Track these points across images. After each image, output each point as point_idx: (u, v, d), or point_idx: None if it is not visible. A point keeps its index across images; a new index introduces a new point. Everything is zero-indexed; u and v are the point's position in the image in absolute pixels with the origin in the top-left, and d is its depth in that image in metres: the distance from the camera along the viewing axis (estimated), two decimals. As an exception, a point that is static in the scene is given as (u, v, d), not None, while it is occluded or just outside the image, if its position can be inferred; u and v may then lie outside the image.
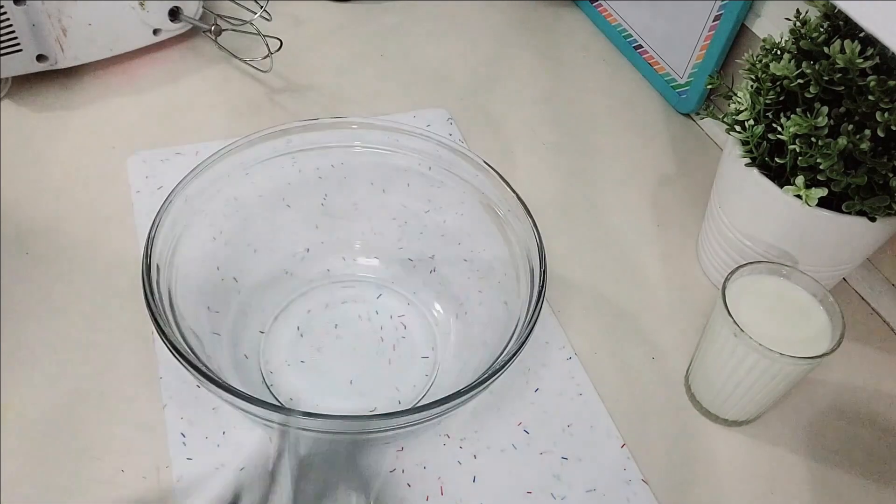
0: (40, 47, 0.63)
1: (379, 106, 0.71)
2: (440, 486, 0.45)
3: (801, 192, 0.48)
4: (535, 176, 0.67)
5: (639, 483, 0.47)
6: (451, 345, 0.51)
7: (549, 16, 0.86)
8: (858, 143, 0.45)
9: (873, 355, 0.56)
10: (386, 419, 0.37)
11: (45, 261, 0.54)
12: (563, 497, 0.45)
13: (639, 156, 0.70)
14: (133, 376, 0.48)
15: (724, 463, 0.49)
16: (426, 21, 0.83)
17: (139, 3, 0.66)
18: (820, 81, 0.47)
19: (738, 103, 0.51)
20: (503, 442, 0.48)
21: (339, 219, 0.54)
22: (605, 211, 0.64)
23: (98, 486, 0.43)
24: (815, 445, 0.50)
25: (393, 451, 0.46)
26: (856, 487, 0.48)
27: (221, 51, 0.72)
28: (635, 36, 0.79)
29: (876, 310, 0.59)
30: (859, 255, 0.53)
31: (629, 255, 0.61)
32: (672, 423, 0.50)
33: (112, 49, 0.68)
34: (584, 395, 0.51)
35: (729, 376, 0.46)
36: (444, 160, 0.51)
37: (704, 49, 0.70)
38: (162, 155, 0.63)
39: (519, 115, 0.73)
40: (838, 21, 0.50)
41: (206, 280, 0.48)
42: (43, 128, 0.64)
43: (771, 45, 0.51)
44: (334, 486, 0.38)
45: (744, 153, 0.51)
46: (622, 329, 0.55)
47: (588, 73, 0.79)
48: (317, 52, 0.76)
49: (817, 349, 0.44)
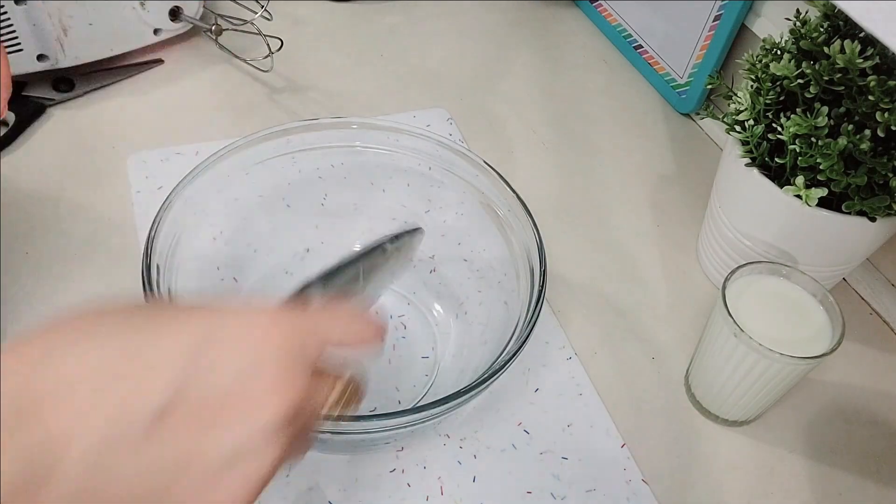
0: (41, 47, 0.63)
1: (379, 106, 0.71)
2: (440, 486, 0.45)
3: (801, 192, 0.48)
4: (535, 176, 0.67)
5: (639, 483, 0.47)
6: (451, 345, 0.51)
7: (549, 16, 0.86)
8: (858, 143, 0.45)
9: (873, 355, 0.56)
10: (386, 419, 0.37)
11: (45, 261, 0.54)
12: (563, 497, 0.45)
13: (639, 156, 0.70)
14: (133, 376, 0.48)
15: (723, 463, 0.49)
16: (426, 21, 0.83)
17: (140, 3, 0.66)
18: (820, 81, 0.47)
19: (738, 103, 0.51)
20: (503, 442, 0.48)
21: (339, 219, 0.54)
22: (605, 211, 0.64)
23: (98, 485, 0.43)
24: (815, 445, 0.50)
25: (393, 451, 0.46)
26: (855, 487, 0.48)
27: (222, 50, 0.72)
28: (635, 36, 0.79)
29: (876, 310, 0.59)
30: (859, 255, 0.53)
31: (629, 255, 0.61)
32: (672, 423, 0.50)
33: (112, 49, 0.68)
34: (584, 395, 0.51)
35: (729, 376, 0.46)
36: (444, 160, 0.51)
37: (704, 49, 0.70)
38: (162, 155, 0.63)
39: (519, 115, 0.73)
40: (838, 21, 0.50)
41: (206, 280, 0.48)
42: (43, 128, 0.64)
43: (771, 45, 0.51)
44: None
45: (744, 153, 0.51)
46: (622, 329, 0.55)
47: (588, 72, 0.79)
48: (317, 52, 0.76)
49: (817, 349, 0.44)
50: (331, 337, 0.30)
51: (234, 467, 0.26)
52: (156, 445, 0.25)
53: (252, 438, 0.26)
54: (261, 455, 0.26)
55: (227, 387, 0.26)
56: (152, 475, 0.25)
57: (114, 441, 0.24)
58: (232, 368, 0.26)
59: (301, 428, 0.28)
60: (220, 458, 0.26)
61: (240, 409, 0.26)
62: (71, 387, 0.24)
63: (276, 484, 0.44)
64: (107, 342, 0.26)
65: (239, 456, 0.26)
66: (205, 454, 0.25)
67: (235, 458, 0.26)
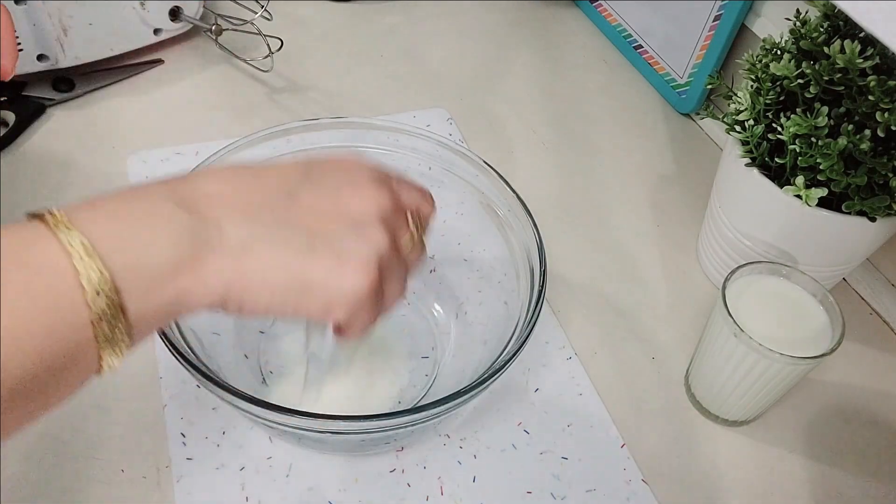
0: (41, 47, 0.63)
1: (379, 106, 0.71)
2: (440, 486, 0.45)
3: (801, 192, 0.48)
4: (535, 176, 0.67)
5: (639, 483, 0.47)
6: (451, 345, 0.51)
7: (549, 16, 0.86)
8: (858, 143, 0.45)
9: (873, 355, 0.56)
10: (386, 419, 0.37)
11: (45, 261, 0.54)
12: (563, 497, 0.45)
13: (639, 156, 0.70)
14: (133, 376, 0.48)
15: (723, 463, 0.49)
16: (426, 21, 0.83)
17: (140, 3, 0.66)
18: (820, 81, 0.47)
19: (738, 103, 0.51)
20: (503, 442, 0.48)
21: (339, 219, 0.54)
22: (605, 211, 0.64)
23: (98, 486, 0.43)
24: (815, 445, 0.50)
25: (393, 451, 0.46)
26: (855, 487, 0.48)
27: (222, 50, 0.72)
28: (635, 36, 0.79)
29: (876, 310, 0.59)
30: (859, 255, 0.53)
31: (629, 255, 0.61)
32: (672, 423, 0.50)
33: (113, 49, 0.68)
34: (584, 395, 0.51)
35: (729, 376, 0.46)
36: (444, 160, 0.51)
37: (704, 49, 0.70)
38: (162, 155, 0.63)
39: (519, 115, 0.73)
40: (838, 21, 0.50)
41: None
42: (43, 128, 0.64)
43: (771, 45, 0.51)
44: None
45: (744, 153, 0.51)
46: (622, 329, 0.55)
47: (588, 72, 0.79)
48: (317, 52, 0.76)
49: (817, 349, 0.44)
50: (401, 191, 0.36)
51: (357, 233, 0.32)
52: (294, 209, 0.32)
53: (366, 212, 0.33)
54: (376, 229, 0.32)
55: (337, 187, 0.33)
56: (296, 227, 0.31)
57: (259, 212, 0.31)
58: (334, 180, 0.34)
59: (399, 239, 0.34)
60: (348, 217, 0.32)
61: (353, 195, 0.33)
62: (218, 194, 0.30)
63: (276, 483, 0.44)
64: (234, 173, 0.33)
65: (359, 224, 0.32)
66: (335, 212, 0.32)
67: (357, 226, 0.32)
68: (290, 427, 0.37)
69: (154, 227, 0.28)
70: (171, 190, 0.30)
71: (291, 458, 0.45)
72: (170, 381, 0.48)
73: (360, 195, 0.33)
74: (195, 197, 0.30)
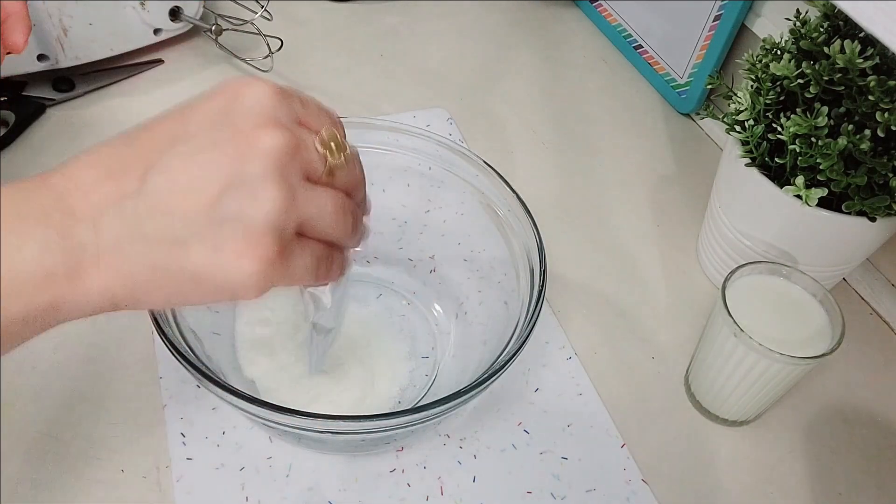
0: (41, 47, 0.63)
1: (379, 106, 0.71)
2: (440, 486, 0.45)
3: (801, 192, 0.48)
4: (535, 176, 0.67)
5: (639, 483, 0.47)
6: (451, 345, 0.51)
7: (549, 16, 0.86)
8: (858, 143, 0.45)
9: (873, 355, 0.56)
10: (386, 419, 0.37)
11: (45, 261, 0.54)
12: (563, 497, 0.45)
13: (639, 156, 0.70)
14: (133, 376, 0.48)
15: (723, 463, 0.49)
16: (426, 21, 0.83)
17: (140, 3, 0.66)
18: (820, 81, 0.47)
19: (738, 103, 0.51)
20: (503, 442, 0.48)
21: (339, 219, 0.54)
22: (605, 211, 0.64)
23: (98, 486, 0.43)
24: (815, 445, 0.50)
25: (393, 451, 0.46)
26: (855, 487, 0.48)
27: (222, 50, 0.72)
28: (635, 36, 0.79)
29: (876, 310, 0.59)
30: (859, 255, 0.53)
31: (629, 255, 0.61)
32: (672, 423, 0.50)
33: (113, 49, 0.68)
34: (584, 395, 0.51)
35: (729, 376, 0.46)
36: (443, 160, 0.51)
37: (704, 49, 0.70)
38: (162, 155, 0.62)
39: (519, 115, 0.73)
40: (838, 21, 0.50)
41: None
42: (43, 128, 0.64)
43: (771, 45, 0.51)
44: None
45: (744, 153, 0.51)
46: (622, 329, 0.55)
47: (588, 72, 0.79)
48: (317, 52, 0.76)
49: (817, 349, 0.44)
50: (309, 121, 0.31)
51: (239, 199, 0.27)
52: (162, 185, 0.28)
53: (252, 166, 0.27)
54: (266, 185, 0.27)
55: (213, 142, 0.28)
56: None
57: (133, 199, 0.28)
58: (210, 131, 0.28)
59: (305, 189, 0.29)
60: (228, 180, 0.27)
61: (235, 149, 0.28)
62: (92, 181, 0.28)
63: (276, 483, 0.44)
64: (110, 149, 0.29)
65: (242, 186, 0.27)
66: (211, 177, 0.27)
67: (239, 189, 0.27)
68: (290, 427, 0.37)
69: (22, 233, 0.27)
70: (49, 187, 0.28)
71: (291, 458, 0.45)
72: (170, 381, 0.48)
73: (243, 145, 0.28)
74: (68, 189, 0.28)
